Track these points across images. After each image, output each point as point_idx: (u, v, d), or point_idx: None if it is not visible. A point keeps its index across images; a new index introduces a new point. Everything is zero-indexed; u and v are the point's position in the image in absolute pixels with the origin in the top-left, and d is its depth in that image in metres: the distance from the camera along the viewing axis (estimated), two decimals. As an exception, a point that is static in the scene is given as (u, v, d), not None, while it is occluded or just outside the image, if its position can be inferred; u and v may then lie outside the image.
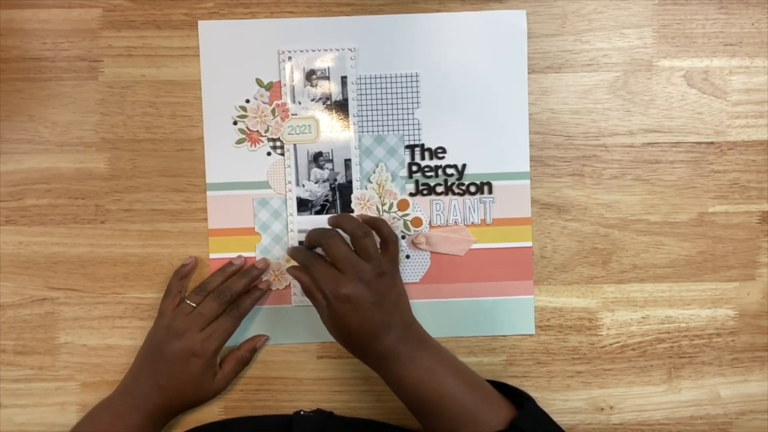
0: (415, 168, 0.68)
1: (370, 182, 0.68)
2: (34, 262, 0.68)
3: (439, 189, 0.68)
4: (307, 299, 0.60)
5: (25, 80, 0.67)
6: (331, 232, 0.61)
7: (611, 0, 0.67)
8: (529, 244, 0.68)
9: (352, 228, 0.60)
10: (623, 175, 0.68)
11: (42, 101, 0.67)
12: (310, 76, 0.67)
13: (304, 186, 0.68)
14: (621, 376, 0.68)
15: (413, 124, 0.67)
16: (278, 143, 0.67)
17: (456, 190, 0.68)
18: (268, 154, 0.67)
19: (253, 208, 0.67)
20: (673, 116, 0.68)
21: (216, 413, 0.68)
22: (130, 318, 0.68)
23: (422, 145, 0.68)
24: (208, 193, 0.67)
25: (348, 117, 0.67)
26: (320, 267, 0.59)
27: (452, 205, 0.68)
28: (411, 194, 0.68)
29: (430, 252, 0.68)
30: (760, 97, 0.68)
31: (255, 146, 0.67)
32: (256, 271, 0.66)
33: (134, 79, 0.67)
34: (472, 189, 0.68)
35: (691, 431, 0.69)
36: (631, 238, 0.68)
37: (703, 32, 0.68)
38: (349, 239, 0.60)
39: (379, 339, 0.58)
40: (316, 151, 0.67)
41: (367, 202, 0.68)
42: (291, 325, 0.68)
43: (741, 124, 0.68)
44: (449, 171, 0.68)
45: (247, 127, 0.67)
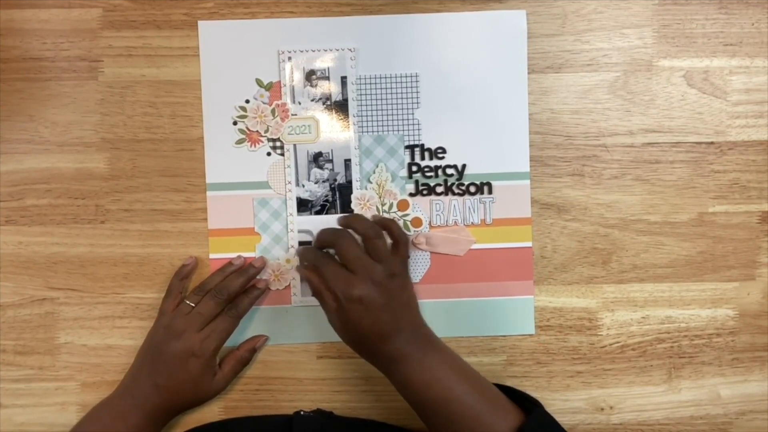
0: (415, 168, 0.68)
1: (370, 182, 0.68)
2: (34, 262, 0.68)
3: (439, 189, 0.68)
4: (308, 299, 0.60)
5: (25, 80, 0.67)
6: (343, 232, 0.60)
7: (611, 0, 0.67)
8: (529, 244, 0.68)
9: (364, 229, 0.60)
10: (623, 175, 0.68)
11: (42, 101, 0.67)
12: (310, 76, 0.67)
13: (304, 186, 0.68)
14: (621, 376, 0.68)
15: (413, 125, 0.67)
16: (278, 143, 0.67)
17: (456, 191, 0.68)
18: (268, 154, 0.67)
19: (253, 208, 0.67)
20: (673, 116, 0.68)
21: (216, 413, 0.68)
22: (130, 318, 0.68)
23: (422, 146, 0.67)
24: (208, 193, 0.67)
25: (348, 117, 0.67)
26: (331, 267, 0.59)
27: (452, 206, 0.68)
28: (411, 194, 0.68)
29: (430, 252, 0.68)
30: (760, 97, 0.68)
31: (255, 146, 0.67)
32: (253, 269, 0.66)
33: (134, 79, 0.67)
34: (472, 189, 0.68)
35: (691, 431, 0.69)
36: (631, 238, 0.68)
37: (703, 32, 0.68)
38: (358, 240, 0.60)
39: (388, 341, 0.58)
40: (316, 151, 0.67)
41: (367, 202, 0.68)
42: (291, 325, 0.68)
43: (741, 124, 0.68)
44: (449, 171, 0.68)
45: (247, 128, 0.67)
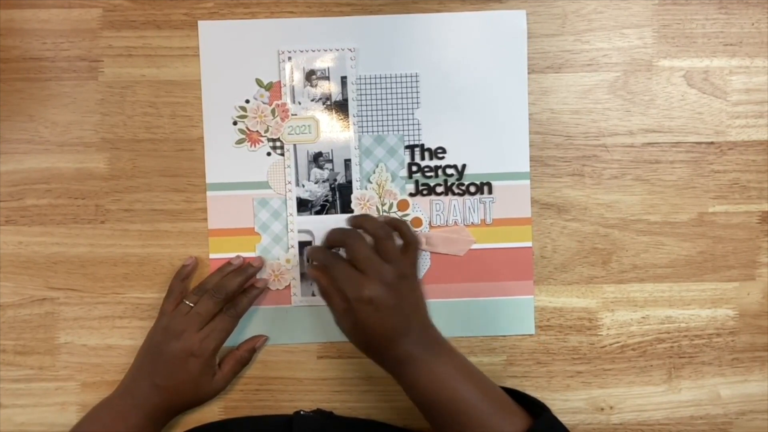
0: (414, 168, 0.68)
1: (370, 182, 0.67)
2: (34, 262, 0.68)
3: (439, 189, 0.68)
4: (308, 299, 0.60)
5: (25, 80, 0.67)
6: (353, 232, 0.60)
7: (611, 0, 0.67)
8: (529, 244, 0.68)
9: (375, 229, 0.59)
10: (623, 175, 0.68)
11: (42, 101, 0.67)
12: (310, 76, 0.67)
13: (303, 186, 0.67)
14: (621, 376, 0.68)
15: (413, 125, 0.67)
16: (278, 143, 0.67)
17: (456, 191, 0.68)
18: (268, 154, 0.67)
19: (253, 208, 0.67)
20: (673, 116, 0.68)
21: (216, 413, 0.68)
22: (130, 318, 0.68)
23: (422, 146, 0.67)
24: (208, 193, 0.67)
25: (348, 117, 0.67)
26: (341, 268, 0.58)
27: (452, 206, 0.68)
28: (411, 194, 0.68)
29: (430, 252, 0.68)
30: (760, 97, 0.68)
31: (255, 146, 0.67)
32: (251, 269, 0.66)
33: (134, 79, 0.67)
34: (472, 189, 0.68)
35: (691, 431, 0.69)
36: (631, 238, 0.68)
37: (703, 32, 0.68)
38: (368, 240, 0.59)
39: (397, 342, 0.57)
40: (316, 151, 0.67)
41: (367, 202, 0.68)
42: (291, 325, 0.68)
43: (741, 124, 0.68)
44: (449, 171, 0.68)
45: (247, 128, 0.67)
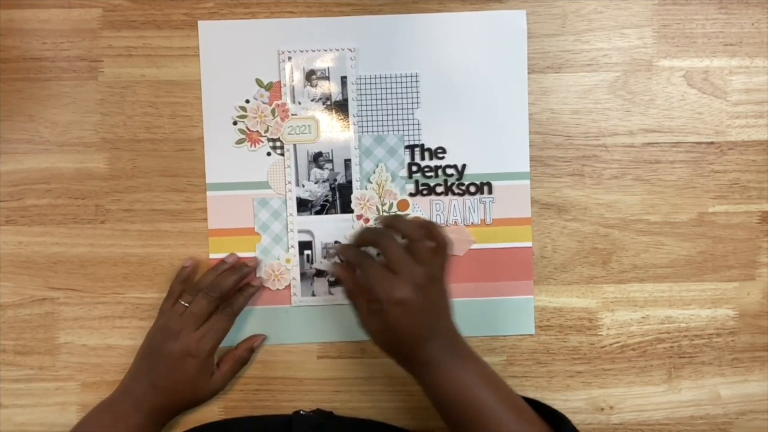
0: (414, 168, 0.68)
1: (370, 182, 0.67)
2: (34, 262, 0.68)
3: (439, 189, 0.68)
4: (308, 299, 0.60)
5: (25, 80, 0.67)
6: (387, 232, 0.59)
7: (611, 0, 0.67)
8: (529, 244, 0.68)
9: (410, 230, 0.58)
10: (623, 175, 0.68)
11: (42, 101, 0.67)
12: (310, 76, 0.67)
13: (303, 186, 0.67)
14: (621, 376, 0.68)
15: (413, 124, 0.67)
16: (278, 143, 0.67)
17: (456, 191, 0.68)
18: (268, 154, 0.67)
19: (253, 208, 0.67)
20: (673, 116, 0.68)
21: (216, 413, 0.68)
22: (130, 318, 0.68)
23: (422, 146, 0.67)
24: (208, 193, 0.67)
25: (348, 117, 0.67)
26: (374, 268, 0.57)
27: (452, 206, 0.68)
28: (411, 194, 0.68)
29: (430, 252, 0.68)
30: (760, 97, 0.68)
31: (255, 146, 0.67)
32: (246, 268, 0.66)
33: (134, 79, 0.67)
34: (472, 189, 0.68)
35: (691, 431, 0.69)
36: (631, 238, 0.68)
37: (703, 32, 0.68)
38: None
39: (423, 345, 0.57)
40: (316, 151, 0.67)
41: (367, 202, 0.68)
42: (291, 325, 0.68)
43: (741, 124, 0.68)
44: (449, 171, 0.68)
45: (247, 127, 0.67)
